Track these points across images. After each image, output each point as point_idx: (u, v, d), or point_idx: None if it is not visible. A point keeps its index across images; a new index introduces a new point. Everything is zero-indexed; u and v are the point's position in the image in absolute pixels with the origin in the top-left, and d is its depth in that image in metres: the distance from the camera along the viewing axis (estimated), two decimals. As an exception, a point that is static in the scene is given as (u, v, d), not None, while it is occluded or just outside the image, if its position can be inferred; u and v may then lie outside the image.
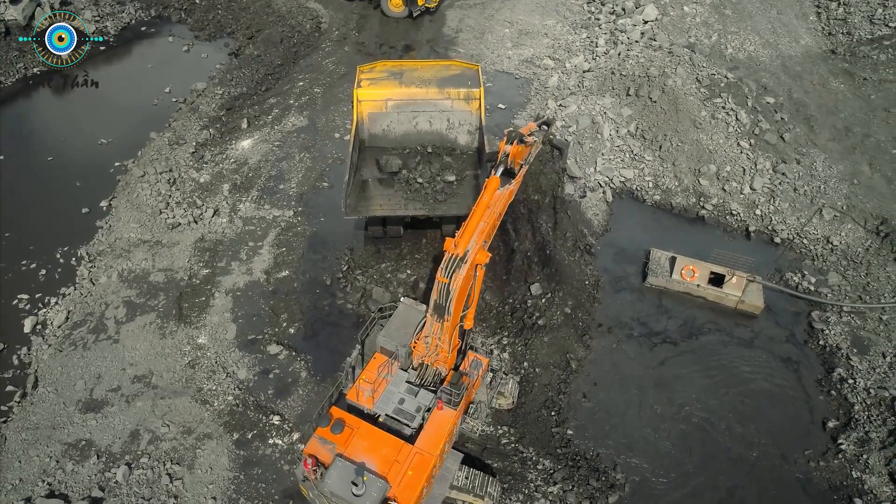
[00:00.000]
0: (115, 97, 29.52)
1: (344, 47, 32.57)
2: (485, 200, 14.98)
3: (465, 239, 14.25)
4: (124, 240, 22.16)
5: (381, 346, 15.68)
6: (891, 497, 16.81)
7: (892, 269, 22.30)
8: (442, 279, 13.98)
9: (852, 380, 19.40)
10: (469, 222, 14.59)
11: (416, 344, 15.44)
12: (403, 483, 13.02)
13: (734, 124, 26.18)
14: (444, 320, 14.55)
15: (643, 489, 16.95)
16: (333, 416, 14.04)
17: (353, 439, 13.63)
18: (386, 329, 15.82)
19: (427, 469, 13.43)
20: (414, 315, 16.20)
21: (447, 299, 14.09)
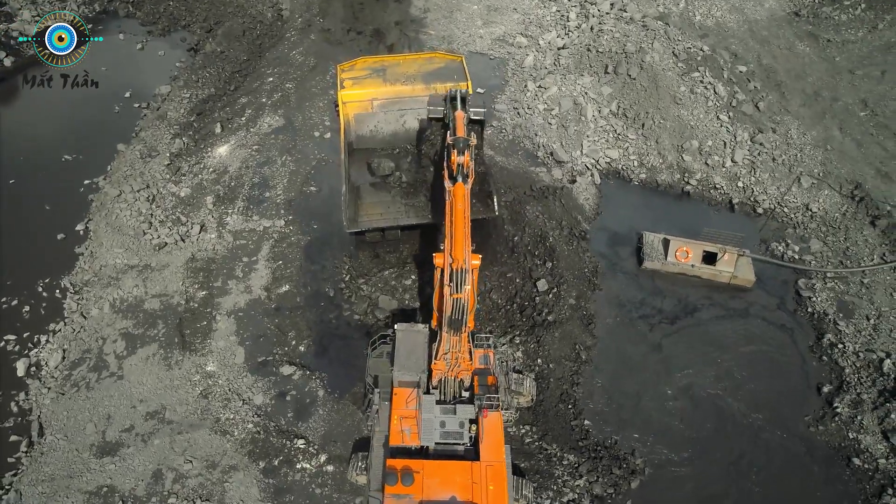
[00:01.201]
0: (72, 106, 27.48)
1: (310, 35, 31.04)
2: (460, 209, 14.73)
3: (459, 250, 14.04)
4: (110, 266, 21.04)
5: (399, 381, 15.49)
6: (885, 454, 17.99)
7: (868, 232, 23.28)
8: (456, 295, 13.80)
9: (841, 344, 20.42)
10: (455, 233, 14.33)
11: (436, 364, 15.35)
12: (490, 499, 13.28)
13: (713, 98, 26.41)
14: (461, 332, 14.51)
15: (661, 470, 17.63)
16: (394, 469, 13.80)
17: (424, 482, 13.58)
18: (397, 362, 15.51)
19: (503, 477, 13.73)
20: (414, 338, 15.94)
21: (462, 313, 14.00)
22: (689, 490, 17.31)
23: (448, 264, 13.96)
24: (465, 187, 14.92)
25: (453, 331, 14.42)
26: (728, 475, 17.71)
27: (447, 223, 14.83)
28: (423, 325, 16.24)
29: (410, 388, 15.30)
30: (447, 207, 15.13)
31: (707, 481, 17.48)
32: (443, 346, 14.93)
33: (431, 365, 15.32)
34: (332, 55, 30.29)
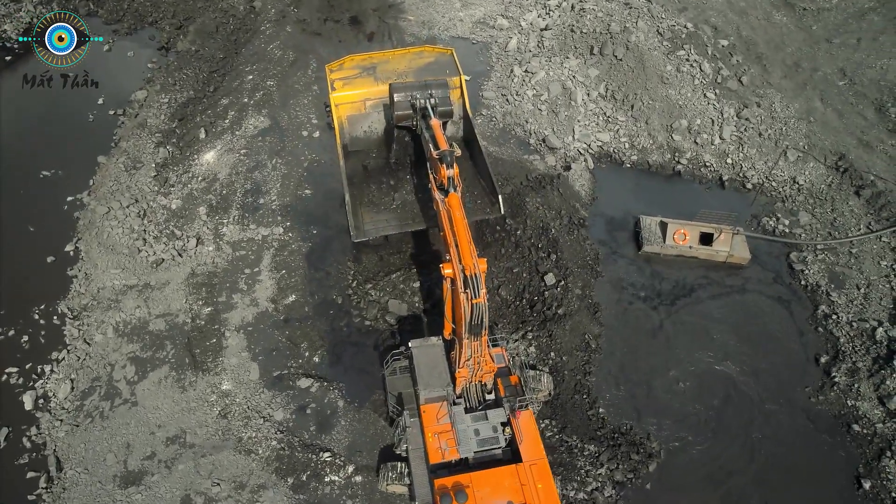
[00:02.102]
0: (43, 117, 26.15)
1: (286, 27, 29.90)
2: (459, 217, 14.71)
3: (467, 257, 14.05)
4: (108, 288, 20.40)
5: (426, 399, 15.55)
6: (882, 418, 18.93)
7: (853, 202, 23.98)
8: (475, 300, 13.82)
9: (835, 315, 21.20)
10: (460, 241, 14.27)
11: (459, 372, 15.44)
12: (543, 497, 13.64)
13: (699, 76, 26.51)
14: (481, 336, 14.60)
15: (676, 451, 18.23)
16: (446, 489, 13.90)
17: (476, 495, 13.74)
18: (421, 381, 15.51)
19: (548, 472, 14.12)
20: (431, 352, 15.97)
21: (482, 317, 14.07)
22: (703, 467, 17.98)
23: (459, 271, 13.94)
24: (458, 196, 14.89)
25: (474, 336, 14.48)
26: (739, 450, 18.41)
27: (447, 233, 14.77)
28: (436, 339, 16.25)
29: (437, 403, 15.39)
30: (443, 217, 15.05)
31: (720, 457, 18.16)
32: (464, 352, 14.96)
33: (455, 374, 15.40)
34: (311, 47, 29.38)
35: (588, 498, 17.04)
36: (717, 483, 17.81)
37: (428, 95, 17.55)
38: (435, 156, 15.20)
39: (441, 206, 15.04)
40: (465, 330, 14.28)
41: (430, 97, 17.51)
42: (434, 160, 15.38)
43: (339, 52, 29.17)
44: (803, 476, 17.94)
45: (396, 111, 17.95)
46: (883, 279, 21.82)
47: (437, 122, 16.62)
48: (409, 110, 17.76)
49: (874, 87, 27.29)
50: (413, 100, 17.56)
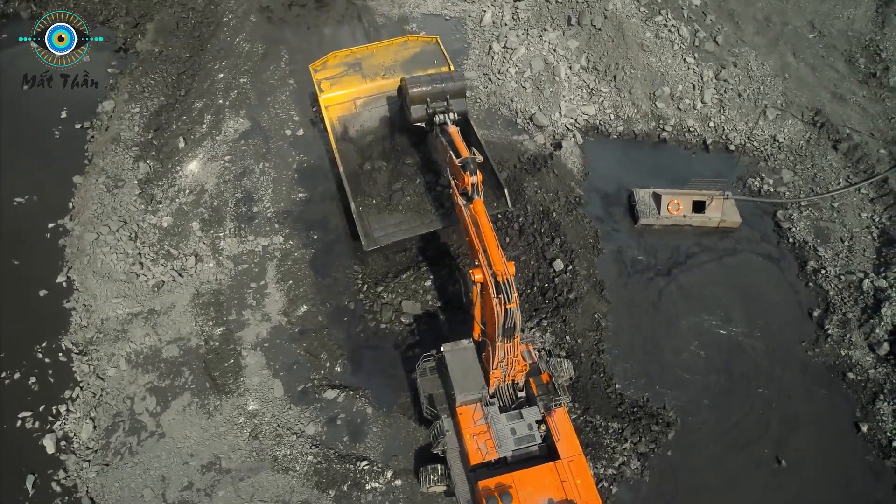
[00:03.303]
0: (2, 137, 24.41)
1: (249, 17, 28.28)
2: (486, 223, 14.77)
3: (497, 262, 14.18)
4: (112, 318, 19.70)
5: (462, 403, 15.79)
6: (873, 364, 20.20)
7: (832, 157, 24.78)
8: (509, 305, 14.01)
9: (823, 269, 22.21)
10: (489, 247, 14.36)
11: (493, 374, 15.71)
12: (582, 492, 14.17)
13: (678, 40, 26.47)
14: (514, 338, 14.87)
15: (691, 416, 19.12)
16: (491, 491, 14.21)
17: (520, 495, 14.13)
18: (456, 385, 15.65)
19: (586, 467, 14.67)
20: (464, 356, 16.12)
21: (514, 320, 14.30)
22: (717, 428, 18.94)
23: (490, 277, 14.03)
24: (482, 201, 14.85)
25: (507, 338, 14.71)
26: (747, 407, 19.40)
27: (473, 239, 14.75)
28: (466, 341, 16.40)
29: (473, 405, 15.69)
30: (468, 223, 15.00)
31: (730, 416, 19.11)
32: (498, 354, 15.21)
33: (490, 376, 15.67)
34: (280, 37, 27.99)
35: (617, 472, 17.87)
36: (730, 440, 18.83)
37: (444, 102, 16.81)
38: (457, 164, 14.98)
39: (465, 213, 14.91)
40: (498, 333, 14.47)
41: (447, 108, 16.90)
42: (456, 167, 15.15)
43: (309, 41, 28.03)
44: (807, 425, 19.13)
45: (413, 115, 17.30)
46: (864, 231, 22.86)
47: (455, 129, 16.27)
48: (423, 114, 17.16)
49: (843, 38, 27.80)
50: (429, 108, 16.96)
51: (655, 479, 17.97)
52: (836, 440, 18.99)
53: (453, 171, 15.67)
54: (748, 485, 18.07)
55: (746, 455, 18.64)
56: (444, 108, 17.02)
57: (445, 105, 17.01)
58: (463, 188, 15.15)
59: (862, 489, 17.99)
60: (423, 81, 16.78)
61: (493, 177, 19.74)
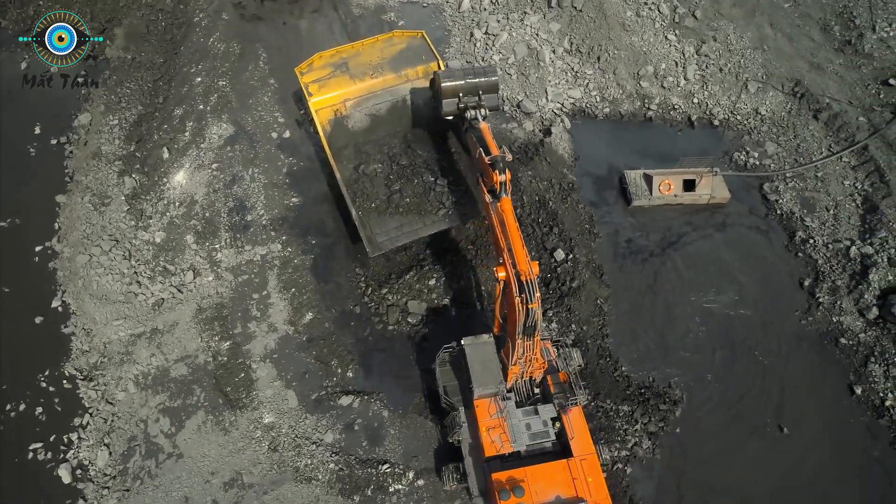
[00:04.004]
0: (-25, 159, 23.34)
1: (222, 15, 27.21)
2: (513, 223, 14.80)
3: (522, 262, 14.25)
4: (115, 341, 19.26)
5: (479, 396, 15.94)
6: (863, 329, 20.89)
7: (813, 127, 25.16)
8: (531, 305, 14.12)
9: (811, 239, 22.74)
10: (515, 247, 14.41)
11: (512, 369, 15.88)
12: (593, 490, 14.51)
13: (658, 18, 26.35)
14: (534, 336, 15.02)
15: (696, 392, 19.58)
16: (501, 482, 14.47)
17: (532, 489, 14.43)
18: (475, 379, 15.81)
19: (598, 467, 14.97)
20: (483, 350, 16.28)
21: (535, 319, 14.43)
22: (721, 401, 19.44)
23: (513, 276, 14.09)
24: (510, 200, 14.83)
25: (527, 336, 14.85)
26: (749, 379, 19.89)
27: (499, 237, 14.74)
28: (487, 336, 16.55)
29: (489, 398, 15.90)
30: (494, 221, 14.96)
31: (733, 389, 19.62)
32: (517, 351, 15.35)
33: (508, 371, 15.83)
34: (256, 34, 27.06)
35: (630, 453, 18.34)
36: (734, 412, 19.32)
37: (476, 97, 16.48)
38: (487, 161, 14.84)
39: (492, 211, 14.81)
40: (519, 331, 14.59)
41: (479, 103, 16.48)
42: (485, 165, 14.98)
43: (286, 37, 27.20)
44: (805, 392, 19.80)
45: (445, 109, 16.94)
46: (848, 198, 23.40)
47: (486, 126, 16.07)
48: (454, 108, 16.80)
49: (817, 6, 27.98)
50: (461, 102, 16.59)
51: (667, 457, 18.51)
52: (832, 404, 19.71)
53: (482, 168, 15.53)
54: (753, 453, 18.71)
55: (750, 425, 19.24)
56: (476, 103, 16.69)
57: (477, 100, 16.67)
58: (491, 186, 15.05)
59: (860, 449, 18.77)
60: (456, 75, 16.37)
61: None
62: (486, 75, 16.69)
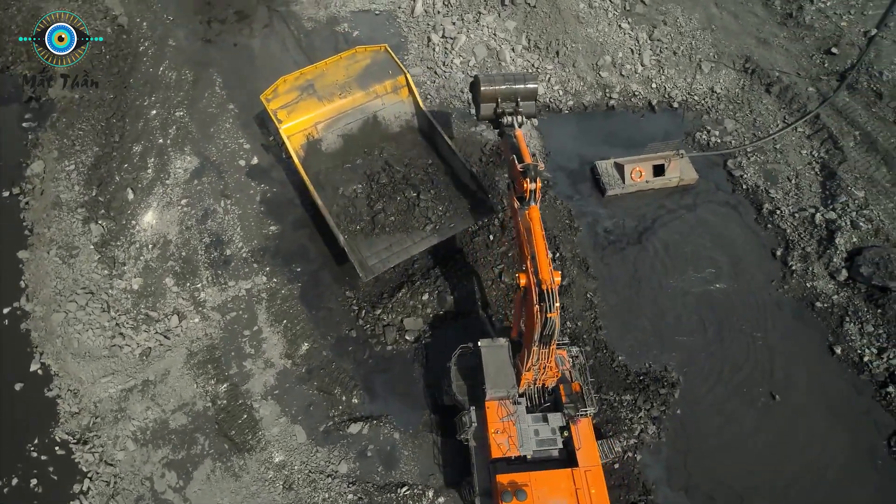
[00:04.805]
0: (-80, 222, 21.62)
1: (168, 41, 25.89)
2: (539, 231, 14.74)
3: (545, 271, 14.19)
4: (105, 399, 18.30)
5: (491, 397, 15.91)
6: (836, 291, 21.78)
7: (767, 101, 25.92)
8: (550, 314, 14.06)
9: (778, 210, 23.50)
10: (539, 255, 14.34)
11: (525, 375, 15.84)
12: (595, 503, 14.53)
13: (610, 8, 26.50)
14: (550, 345, 15.02)
15: (692, 372, 20.10)
16: (505, 485, 14.55)
17: (534, 494, 14.45)
18: (488, 380, 15.82)
19: (601, 479, 14.98)
20: (498, 353, 16.29)
21: (553, 329, 14.42)
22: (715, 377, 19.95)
23: (534, 284, 14.01)
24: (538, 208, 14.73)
25: (543, 344, 14.83)
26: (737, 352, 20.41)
27: (523, 244, 14.71)
28: (504, 340, 16.54)
29: (501, 401, 15.88)
30: (520, 229, 14.87)
31: (725, 364, 20.14)
32: (532, 358, 15.31)
33: (521, 376, 15.80)
34: (207, 59, 25.89)
35: (638, 440, 18.70)
36: (728, 386, 19.86)
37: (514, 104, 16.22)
38: (519, 169, 14.59)
39: (519, 218, 14.69)
40: (536, 339, 14.54)
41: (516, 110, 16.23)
42: (517, 172, 14.66)
43: (239, 58, 26.15)
44: (790, 357, 20.45)
45: (482, 113, 16.66)
46: (807, 167, 24.27)
47: (520, 133, 15.81)
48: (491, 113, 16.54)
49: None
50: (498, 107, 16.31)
51: (671, 438, 18.93)
52: (816, 366, 20.48)
53: (513, 174, 15.30)
54: (751, 423, 19.29)
55: (744, 396, 19.82)
56: (513, 109, 16.39)
57: (514, 107, 16.36)
58: (521, 193, 14.84)
59: (847, 404, 19.60)
60: (497, 80, 16.06)
61: (473, 181, 19.42)
62: (526, 82, 16.43)
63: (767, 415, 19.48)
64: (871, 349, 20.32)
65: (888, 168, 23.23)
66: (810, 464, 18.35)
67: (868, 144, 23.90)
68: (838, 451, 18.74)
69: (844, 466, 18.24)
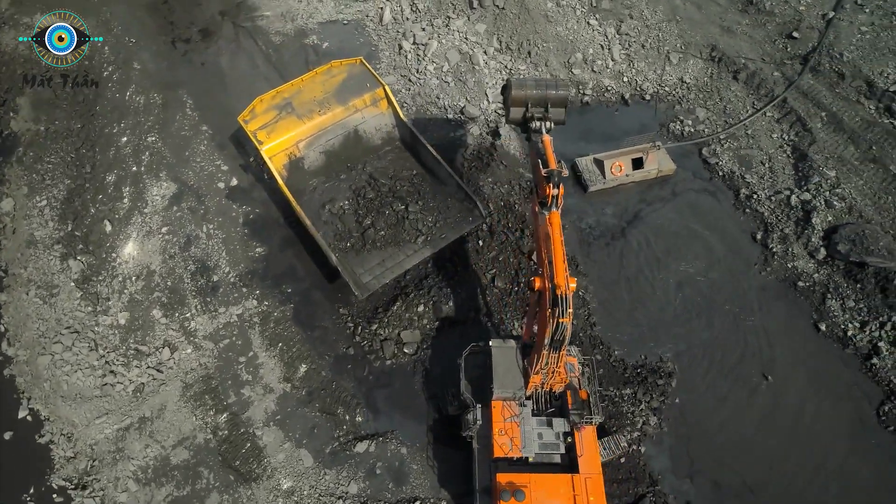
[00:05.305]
0: None
1: (132, 64, 25.04)
2: (558, 237, 14.69)
3: (561, 277, 14.14)
4: (102, 441, 17.68)
5: (498, 397, 15.89)
6: (815, 269, 22.34)
7: (735, 87, 26.41)
8: (562, 319, 14.03)
9: (755, 194, 24.00)
10: (556, 261, 14.27)
11: (534, 378, 15.80)
12: None
13: (578, 5, 26.61)
14: (560, 350, 15.01)
15: (686, 360, 20.43)
16: (503, 484, 14.42)
17: (533, 496, 14.39)
18: (496, 380, 15.82)
19: (601, 488, 14.96)
20: (508, 354, 16.30)
21: (564, 334, 14.41)
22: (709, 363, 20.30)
23: (549, 289, 13.96)
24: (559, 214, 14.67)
25: (553, 349, 14.81)
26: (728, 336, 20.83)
27: (541, 248, 14.67)
28: (515, 341, 16.55)
29: (507, 401, 15.85)
30: (540, 233, 14.84)
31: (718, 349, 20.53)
32: (542, 361, 15.27)
33: (529, 379, 15.77)
34: (174, 80, 25.13)
35: (641, 433, 18.91)
36: (721, 370, 20.23)
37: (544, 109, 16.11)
38: (543, 173, 14.49)
39: (539, 222, 14.66)
40: (546, 343, 14.51)
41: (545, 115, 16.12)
42: (541, 177, 14.65)
43: (208, 77, 25.49)
44: (778, 337, 20.93)
45: (511, 116, 16.45)
46: (779, 150, 24.82)
47: (549, 139, 15.66)
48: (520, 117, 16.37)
49: (715, -30, 29.16)
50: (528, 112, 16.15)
51: (673, 428, 19.20)
52: (803, 344, 21.01)
53: (537, 179, 15.24)
54: (746, 404, 19.71)
55: (738, 379, 20.18)
56: (543, 114, 16.24)
57: (544, 112, 16.22)
58: (543, 198, 14.75)
59: (835, 377, 20.10)
60: (529, 85, 15.92)
61: (459, 189, 19.30)
62: (558, 88, 16.32)
63: (762, 395, 19.90)
64: (854, 323, 20.91)
65: (855, 146, 23.91)
66: (807, 439, 18.83)
67: (835, 125, 24.55)
68: (832, 425, 19.25)
69: (839, 438, 18.78)
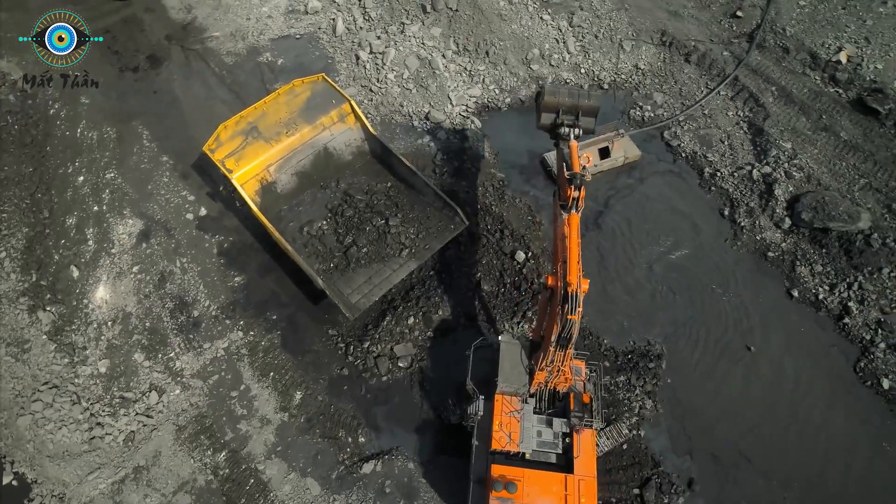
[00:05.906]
0: None
1: (80, 99, 23.84)
2: (575, 238, 14.74)
3: (574, 276, 14.19)
4: (97, 497, 16.85)
5: (501, 391, 15.91)
6: (782, 239, 23.10)
7: (688, 70, 27.01)
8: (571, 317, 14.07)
9: (718, 172, 24.64)
10: (571, 260, 14.32)
11: (538, 375, 15.83)
12: None
13: (530, 2, 26.69)
14: (567, 349, 15.08)
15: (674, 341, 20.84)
16: (496, 475, 14.50)
17: (525, 490, 14.47)
18: (501, 375, 15.86)
19: (594, 490, 15.02)
20: (516, 350, 16.32)
21: (571, 332, 14.49)
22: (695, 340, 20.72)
23: (561, 287, 14.01)
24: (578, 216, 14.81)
25: (560, 347, 14.87)
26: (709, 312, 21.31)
27: (558, 247, 14.76)
28: (524, 339, 16.64)
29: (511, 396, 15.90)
30: (558, 233, 14.96)
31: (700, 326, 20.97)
32: (548, 358, 15.29)
33: (534, 376, 15.80)
34: (127, 111, 24.10)
35: (639, 417, 19.25)
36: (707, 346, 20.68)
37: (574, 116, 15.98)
38: (567, 176, 14.51)
39: (559, 222, 14.82)
40: (554, 340, 14.55)
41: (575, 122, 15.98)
42: (564, 179, 14.73)
43: (163, 106, 24.56)
44: (755, 308, 21.61)
45: (541, 121, 16.28)
46: (736, 127, 25.52)
47: (575, 144, 15.68)
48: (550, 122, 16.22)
49: (656, -44, 29.69)
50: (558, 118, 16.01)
51: (668, 409, 19.61)
52: (779, 312, 21.74)
53: (560, 181, 15.31)
54: (733, 377, 20.23)
55: (723, 353, 20.70)
56: (572, 122, 16.12)
57: (574, 119, 16.11)
58: (564, 200, 14.81)
59: (814, 341, 20.85)
60: (561, 93, 15.79)
61: (437, 198, 19.15)
62: (590, 99, 16.22)
63: (747, 366, 20.49)
64: (824, 287, 21.75)
65: (807, 117, 24.81)
66: (791, 401, 19.51)
67: (785, 97, 25.41)
68: (813, 384, 19.99)
69: (821, 397, 19.51)
